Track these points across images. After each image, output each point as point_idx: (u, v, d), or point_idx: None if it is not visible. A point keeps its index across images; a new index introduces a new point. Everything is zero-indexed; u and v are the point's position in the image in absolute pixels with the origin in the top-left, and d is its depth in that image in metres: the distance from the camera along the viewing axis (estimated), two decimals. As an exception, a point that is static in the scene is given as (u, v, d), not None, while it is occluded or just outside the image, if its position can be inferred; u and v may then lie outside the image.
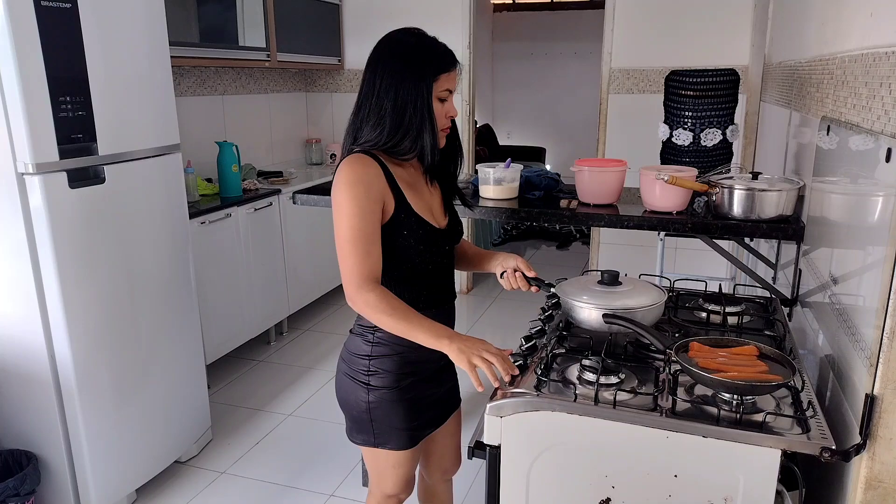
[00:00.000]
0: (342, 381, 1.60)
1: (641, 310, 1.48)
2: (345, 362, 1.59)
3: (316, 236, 4.07)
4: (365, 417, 1.56)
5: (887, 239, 1.12)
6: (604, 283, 1.56)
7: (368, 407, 1.54)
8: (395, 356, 1.53)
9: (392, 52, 1.47)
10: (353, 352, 1.56)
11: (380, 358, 1.52)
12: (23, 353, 2.09)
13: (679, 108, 2.44)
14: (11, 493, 2.02)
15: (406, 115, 1.42)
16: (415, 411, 1.57)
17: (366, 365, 1.53)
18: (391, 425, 1.55)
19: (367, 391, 1.54)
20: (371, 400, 1.53)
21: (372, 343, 1.53)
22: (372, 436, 1.57)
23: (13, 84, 1.86)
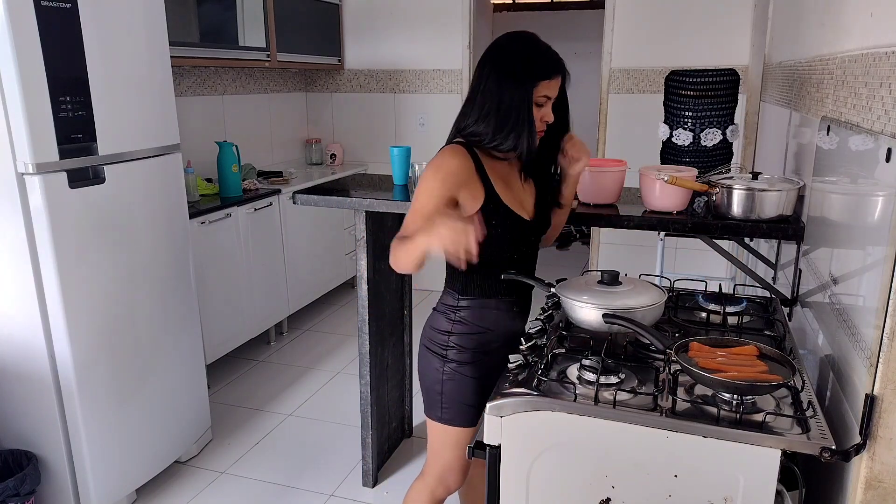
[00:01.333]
0: (422, 352, 1.70)
1: (641, 310, 1.48)
2: (427, 337, 1.69)
3: (316, 236, 4.07)
4: (437, 389, 1.66)
5: (887, 239, 1.12)
6: (604, 283, 1.56)
7: (442, 378, 1.64)
8: (473, 335, 1.63)
9: (500, 54, 1.55)
10: (436, 327, 1.67)
11: (460, 335, 1.64)
12: (23, 353, 2.09)
13: (679, 108, 2.44)
14: (11, 493, 2.02)
15: (507, 116, 1.51)
16: (484, 390, 1.63)
17: (445, 340, 1.65)
18: (460, 400, 1.64)
19: (442, 363, 1.64)
20: (445, 371, 1.64)
21: (453, 321, 1.64)
22: (440, 410, 1.66)
23: (13, 84, 1.86)
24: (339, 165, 4.60)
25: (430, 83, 4.43)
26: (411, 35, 4.39)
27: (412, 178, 2.27)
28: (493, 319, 1.65)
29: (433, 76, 4.41)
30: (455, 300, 1.65)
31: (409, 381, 2.76)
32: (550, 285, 1.63)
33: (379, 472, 2.55)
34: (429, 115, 4.49)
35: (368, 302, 2.31)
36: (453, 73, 4.35)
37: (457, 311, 1.65)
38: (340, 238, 4.35)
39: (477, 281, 1.62)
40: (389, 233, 2.44)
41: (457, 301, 1.65)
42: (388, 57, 4.48)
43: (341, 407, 3.07)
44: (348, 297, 4.56)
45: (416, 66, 4.44)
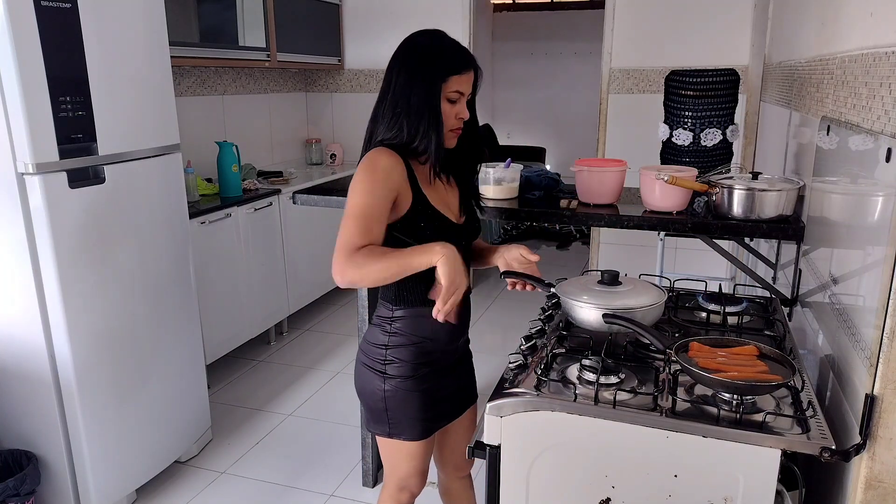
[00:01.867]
0: (360, 370, 1.63)
1: (641, 309, 1.48)
2: (363, 352, 1.62)
3: (316, 236, 4.07)
4: (381, 406, 1.59)
5: (887, 239, 1.12)
6: (604, 283, 1.56)
7: (384, 396, 1.57)
8: (411, 346, 1.56)
9: (408, 52, 1.50)
10: (371, 341, 1.59)
11: (397, 348, 1.56)
12: (23, 353, 2.09)
13: (679, 108, 2.44)
14: (11, 493, 2.02)
15: (420, 115, 1.46)
16: (429, 402, 1.60)
17: (383, 354, 1.57)
18: (406, 415, 1.58)
19: (383, 380, 1.57)
20: (387, 389, 1.57)
21: (389, 333, 1.56)
22: (387, 425, 1.60)
23: (13, 84, 1.86)
24: (339, 165, 4.60)
25: (430, 83, 4.42)
26: (411, 35, 4.39)
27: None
28: (431, 328, 1.56)
29: (433, 76, 4.41)
30: (390, 311, 1.56)
31: (409, 381, 2.76)
32: (550, 285, 1.62)
33: (379, 472, 2.55)
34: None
35: (368, 302, 2.31)
36: (453, 73, 4.35)
37: (392, 323, 1.56)
38: (340, 238, 4.35)
39: (410, 288, 1.53)
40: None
41: (391, 311, 1.56)
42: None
43: (341, 407, 3.07)
44: (348, 297, 4.56)
45: (416, 66, 4.43)
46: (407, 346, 1.56)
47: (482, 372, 3.49)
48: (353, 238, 1.41)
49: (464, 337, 1.69)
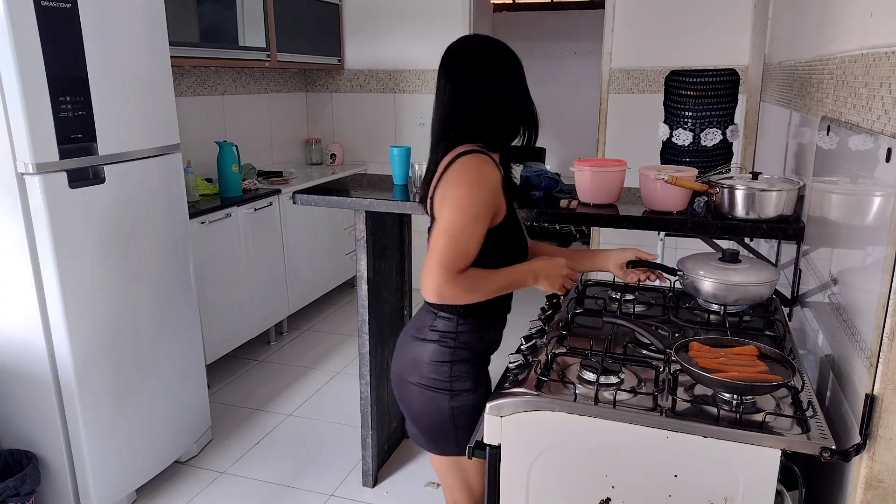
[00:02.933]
0: (418, 392, 1.54)
1: (756, 285, 1.65)
2: (420, 373, 1.54)
3: (316, 236, 4.07)
4: (448, 425, 1.53)
5: (887, 239, 1.12)
6: (724, 261, 1.71)
7: (452, 414, 1.52)
8: (476, 359, 1.56)
9: (474, 53, 1.51)
10: (434, 360, 1.52)
11: (462, 362, 1.53)
12: (23, 353, 2.09)
13: (679, 108, 2.43)
14: (11, 493, 2.02)
15: (515, 108, 1.52)
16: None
17: (448, 371, 1.52)
18: (474, 429, 1.49)
19: (450, 397, 1.52)
20: (455, 406, 1.52)
21: (454, 347, 1.52)
22: (455, 444, 1.55)
23: (13, 84, 1.86)
24: (339, 165, 4.60)
25: (431, 83, 4.43)
26: (411, 35, 4.39)
27: (412, 178, 2.27)
28: (491, 339, 1.59)
29: (433, 76, 4.41)
30: (455, 325, 1.51)
31: (409, 381, 2.76)
32: (674, 270, 1.73)
33: (379, 472, 2.55)
34: (429, 116, 4.45)
35: (368, 302, 2.31)
36: (453, 73, 4.35)
37: (457, 337, 1.52)
38: (340, 238, 4.35)
39: (483, 302, 1.49)
40: (389, 233, 2.44)
41: (456, 326, 1.51)
42: (388, 57, 4.48)
43: (341, 407, 3.07)
44: (348, 297, 4.56)
45: (416, 66, 4.43)
46: (471, 360, 1.54)
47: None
48: (453, 260, 1.38)
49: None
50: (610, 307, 1.85)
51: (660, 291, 2.00)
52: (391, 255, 2.48)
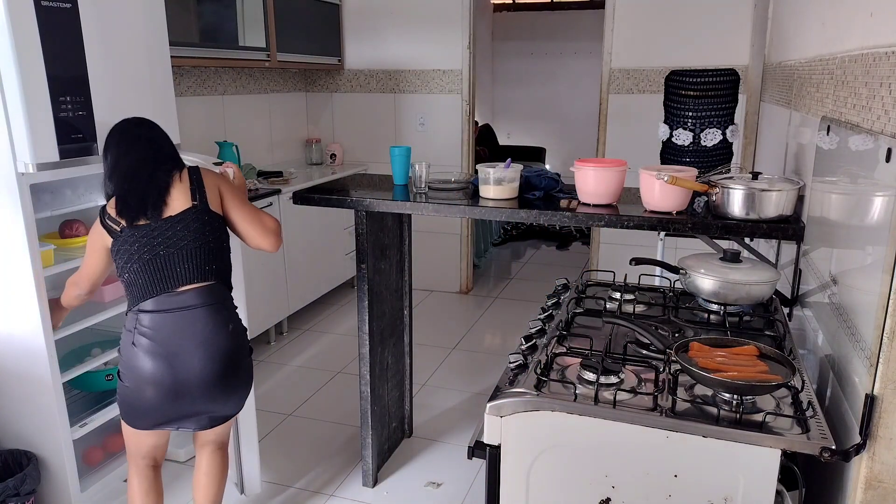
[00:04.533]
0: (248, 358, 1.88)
1: (757, 285, 1.70)
2: (246, 345, 1.88)
3: (316, 236, 4.07)
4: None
5: (887, 239, 1.12)
6: (725, 261, 1.78)
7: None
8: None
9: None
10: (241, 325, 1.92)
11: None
12: (23, 353, 2.09)
13: (679, 108, 2.43)
14: (11, 493, 2.02)
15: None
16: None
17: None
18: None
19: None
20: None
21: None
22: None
23: (13, 84, 1.85)
24: (339, 165, 4.60)
25: (430, 83, 4.43)
26: (411, 35, 4.39)
27: (412, 178, 2.27)
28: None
29: (433, 76, 4.41)
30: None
31: (409, 381, 2.76)
32: (677, 269, 1.84)
33: (379, 472, 2.56)
34: (429, 115, 4.49)
35: (368, 302, 2.31)
36: (453, 73, 4.36)
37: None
38: (340, 238, 4.35)
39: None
40: (389, 233, 2.44)
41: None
42: (388, 57, 4.48)
43: (341, 407, 3.07)
44: (348, 297, 4.56)
45: (416, 66, 4.44)
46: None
47: (482, 372, 3.49)
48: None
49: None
50: (610, 307, 1.85)
51: (660, 291, 2.00)
52: (391, 255, 2.48)
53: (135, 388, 1.67)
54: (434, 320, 4.10)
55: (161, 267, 1.67)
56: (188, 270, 1.70)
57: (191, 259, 1.70)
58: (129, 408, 1.72)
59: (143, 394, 1.67)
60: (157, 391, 1.66)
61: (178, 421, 1.75)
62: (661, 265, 1.87)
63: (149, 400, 1.67)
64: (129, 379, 1.68)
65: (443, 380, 3.33)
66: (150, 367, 1.64)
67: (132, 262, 1.68)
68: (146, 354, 1.64)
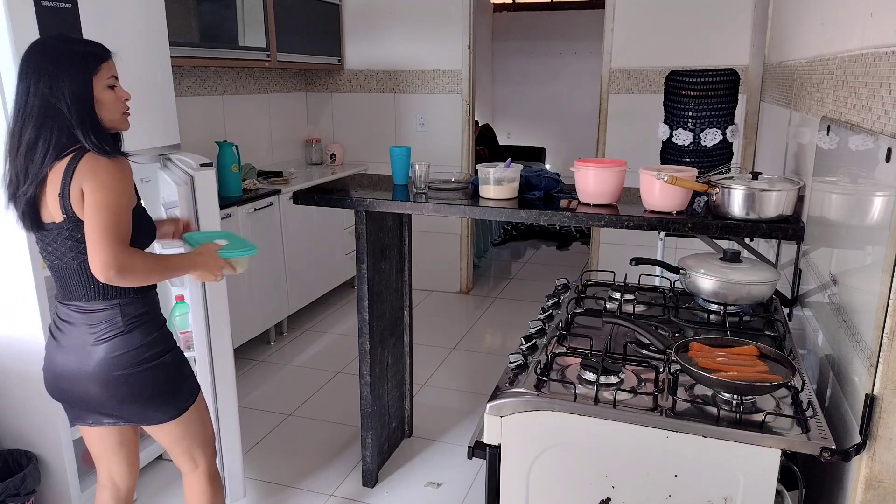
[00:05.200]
0: (139, 377, 1.64)
1: (758, 285, 1.71)
2: (126, 364, 1.62)
3: (316, 236, 4.07)
4: (177, 383, 1.73)
5: (887, 239, 1.12)
6: (726, 261, 1.78)
7: (174, 370, 1.72)
8: (154, 321, 1.72)
9: (49, 57, 1.48)
10: (139, 342, 1.64)
11: (153, 329, 1.71)
12: (23, 353, 2.09)
13: (679, 108, 2.44)
14: (11, 493, 2.02)
15: (90, 112, 1.50)
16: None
17: (156, 338, 1.71)
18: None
19: (170, 356, 1.72)
20: (173, 361, 1.73)
21: (144, 322, 1.68)
22: (186, 395, 1.74)
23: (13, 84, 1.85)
24: (339, 165, 4.60)
25: (430, 83, 4.43)
26: (411, 35, 4.39)
27: (412, 178, 2.27)
28: (153, 297, 1.71)
29: (433, 76, 4.41)
30: (119, 308, 1.59)
31: (409, 381, 2.76)
32: (677, 268, 1.84)
33: (379, 472, 2.56)
34: (429, 115, 4.49)
35: (368, 302, 2.31)
36: (453, 73, 4.36)
37: (131, 313, 1.64)
38: (340, 238, 4.35)
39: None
40: (389, 233, 2.44)
41: (122, 307, 1.60)
42: (388, 57, 4.48)
43: (341, 407, 3.07)
44: (348, 297, 4.56)
45: (416, 66, 4.44)
46: (154, 323, 1.72)
47: (482, 372, 3.49)
48: (122, 237, 1.52)
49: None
50: (610, 307, 1.85)
51: (660, 291, 2.00)
52: (391, 255, 2.48)
53: (46, 375, 1.65)
54: (434, 320, 4.09)
55: (58, 276, 1.62)
56: (78, 287, 1.58)
57: (77, 274, 1.58)
58: (53, 397, 1.68)
59: (51, 381, 1.64)
60: (61, 379, 1.62)
61: (83, 414, 1.65)
62: (661, 265, 1.86)
63: (57, 387, 1.64)
64: (44, 365, 1.66)
65: (443, 380, 3.33)
66: (53, 354, 1.62)
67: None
68: (53, 341, 1.63)
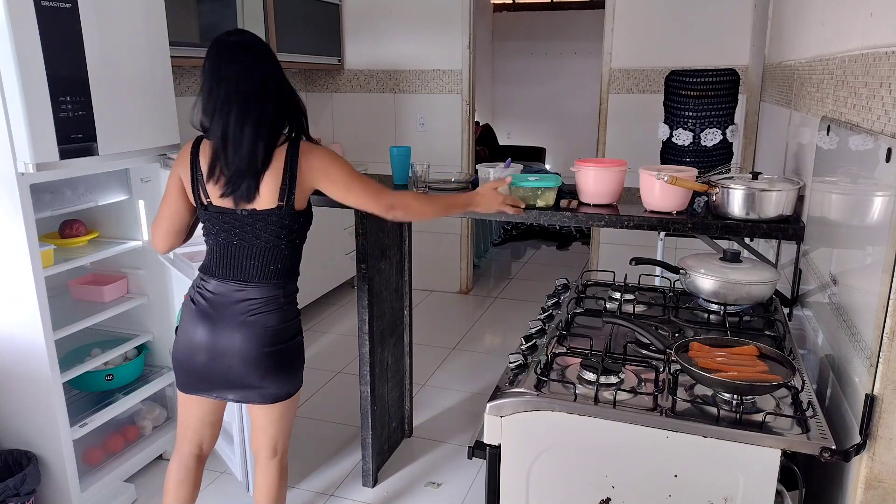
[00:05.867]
0: (282, 352, 1.74)
1: (758, 285, 1.71)
2: (276, 338, 1.72)
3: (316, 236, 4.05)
4: (300, 360, 1.81)
5: (887, 239, 1.12)
6: (726, 260, 1.79)
7: (301, 348, 1.81)
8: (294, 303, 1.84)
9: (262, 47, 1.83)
10: (285, 320, 1.74)
11: (296, 309, 1.82)
12: (23, 353, 2.09)
13: (679, 108, 2.43)
14: (11, 493, 2.02)
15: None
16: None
17: (296, 320, 1.80)
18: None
19: (301, 337, 1.81)
20: (300, 340, 1.81)
21: (290, 302, 1.79)
22: (301, 372, 1.83)
23: (13, 84, 1.86)
24: (339, 165, 4.60)
25: (430, 83, 4.43)
26: (411, 35, 4.39)
27: (412, 178, 2.27)
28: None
29: (433, 76, 4.41)
30: (284, 286, 1.74)
31: (409, 381, 2.76)
32: (677, 268, 1.85)
33: (379, 472, 2.56)
34: (429, 115, 4.49)
35: (368, 302, 2.31)
36: (453, 73, 4.36)
37: (288, 291, 1.77)
38: (340, 238, 4.35)
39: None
40: (389, 233, 2.44)
41: (286, 285, 1.76)
42: (388, 57, 4.48)
43: (341, 407, 3.07)
44: (348, 297, 4.56)
45: (416, 66, 4.44)
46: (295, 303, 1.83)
47: (482, 372, 3.49)
48: (383, 190, 1.78)
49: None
50: (610, 307, 1.85)
51: (660, 291, 2.00)
52: (391, 255, 2.48)
53: (181, 343, 1.70)
54: (434, 320, 4.09)
55: (231, 256, 1.67)
56: (254, 268, 1.68)
57: (261, 257, 1.68)
58: (176, 363, 1.73)
59: (187, 351, 1.69)
60: (202, 350, 1.67)
61: (216, 388, 1.72)
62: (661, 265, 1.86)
63: (190, 358, 1.69)
64: (180, 332, 1.71)
65: (443, 380, 3.33)
66: (195, 326, 1.68)
67: (209, 237, 1.72)
68: (200, 314, 1.67)
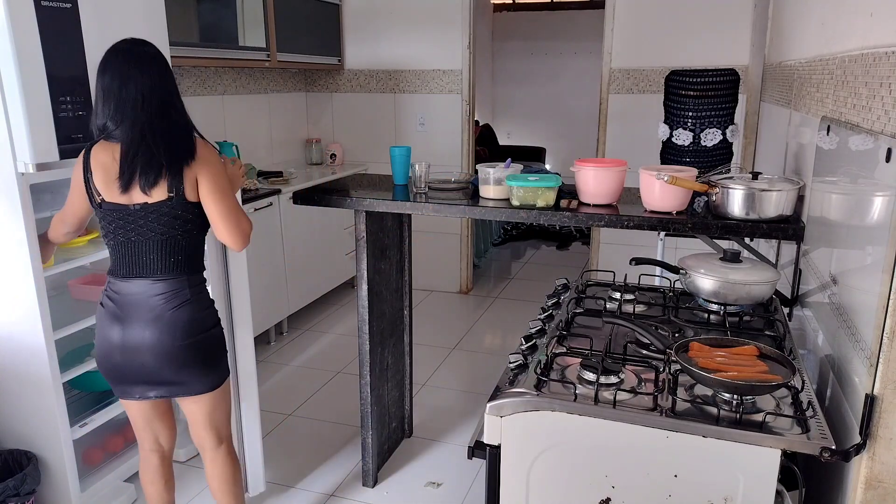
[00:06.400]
0: (200, 344, 1.75)
1: (758, 285, 1.71)
2: (194, 331, 1.74)
3: (316, 236, 4.07)
4: (222, 350, 1.85)
5: (887, 239, 1.12)
6: (726, 260, 1.79)
7: (222, 338, 1.85)
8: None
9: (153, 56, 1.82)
10: (200, 310, 1.76)
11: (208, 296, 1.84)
12: (23, 353, 2.09)
13: (679, 108, 2.44)
14: (11, 493, 2.02)
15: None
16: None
17: (212, 310, 1.82)
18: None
19: (220, 328, 1.83)
20: (221, 331, 1.84)
21: (201, 291, 1.80)
22: (226, 363, 1.87)
23: (13, 84, 1.86)
24: (339, 165, 4.60)
25: (430, 83, 4.43)
26: (411, 35, 4.39)
27: (412, 178, 2.27)
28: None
29: (433, 76, 4.41)
30: (188, 279, 1.74)
31: (409, 381, 2.76)
32: (677, 268, 1.85)
33: (379, 472, 2.56)
34: (429, 115, 4.49)
35: (368, 302, 2.31)
36: (453, 73, 4.36)
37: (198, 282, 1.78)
38: (340, 238, 4.35)
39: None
40: (389, 233, 2.45)
41: (191, 277, 1.75)
42: (388, 57, 4.48)
43: (341, 407, 3.07)
44: (348, 297, 4.56)
45: (416, 66, 4.44)
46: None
47: (482, 372, 3.49)
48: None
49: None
50: (610, 307, 1.85)
51: (660, 291, 2.00)
52: (391, 255, 2.48)
53: (98, 347, 1.72)
54: (434, 320, 4.09)
55: (132, 253, 1.68)
56: (155, 262, 1.68)
57: (159, 250, 1.68)
58: (99, 367, 1.76)
59: (103, 354, 1.72)
60: (116, 351, 1.69)
61: (136, 387, 1.75)
62: (661, 265, 1.86)
63: (107, 361, 1.71)
64: (97, 336, 1.73)
65: (443, 380, 3.33)
66: (107, 328, 1.70)
67: (108, 237, 1.71)
68: (109, 316, 1.69)
